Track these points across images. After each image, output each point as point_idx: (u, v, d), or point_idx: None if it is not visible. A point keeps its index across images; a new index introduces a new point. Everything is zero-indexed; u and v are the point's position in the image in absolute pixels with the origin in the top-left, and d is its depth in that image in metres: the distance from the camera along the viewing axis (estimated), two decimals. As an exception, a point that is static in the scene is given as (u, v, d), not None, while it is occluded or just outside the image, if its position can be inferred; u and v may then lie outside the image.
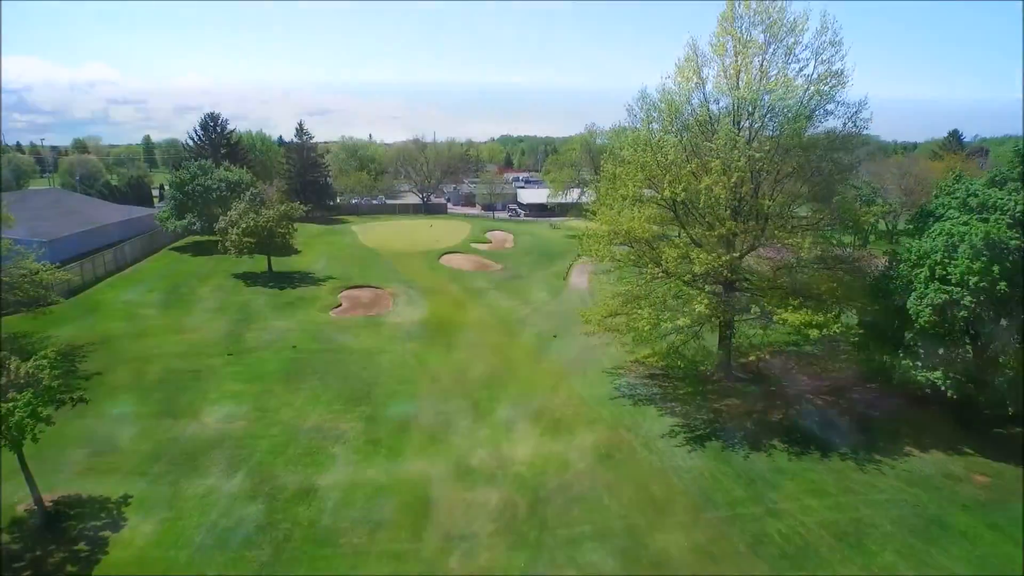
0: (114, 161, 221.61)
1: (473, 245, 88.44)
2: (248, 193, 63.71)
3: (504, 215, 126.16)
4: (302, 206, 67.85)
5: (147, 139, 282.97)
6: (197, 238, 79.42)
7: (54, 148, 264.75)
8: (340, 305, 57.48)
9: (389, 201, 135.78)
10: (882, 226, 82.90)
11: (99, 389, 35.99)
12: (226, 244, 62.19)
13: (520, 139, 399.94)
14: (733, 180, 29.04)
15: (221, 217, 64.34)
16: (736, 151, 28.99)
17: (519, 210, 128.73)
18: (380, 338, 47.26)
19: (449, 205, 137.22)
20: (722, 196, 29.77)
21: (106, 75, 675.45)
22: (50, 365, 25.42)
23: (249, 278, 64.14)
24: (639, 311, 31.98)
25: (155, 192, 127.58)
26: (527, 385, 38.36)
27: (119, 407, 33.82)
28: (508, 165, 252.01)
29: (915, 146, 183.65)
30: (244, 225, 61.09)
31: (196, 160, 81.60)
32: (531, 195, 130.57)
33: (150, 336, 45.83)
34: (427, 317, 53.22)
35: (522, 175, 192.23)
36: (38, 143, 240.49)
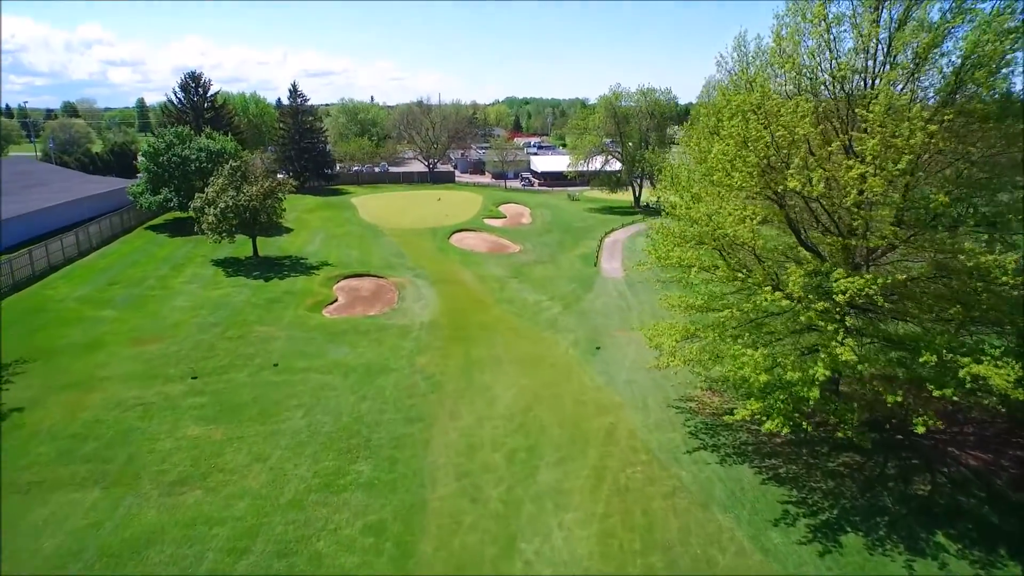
0: (106, 125, 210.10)
1: (486, 222, 78.71)
2: (228, 166, 53.81)
3: (516, 184, 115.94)
4: (292, 181, 58.00)
5: (141, 102, 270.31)
6: (178, 214, 69.88)
7: (49, 111, 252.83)
8: (335, 300, 48.21)
9: (393, 169, 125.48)
10: None
11: (11, 438, 27.07)
12: (202, 227, 52.66)
13: (526, 101, 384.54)
14: (902, 166, 19.31)
15: (197, 195, 54.68)
16: (906, 124, 19.20)
17: (532, 179, 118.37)
18: (382, 349, 38.12)
19: (457, 173, 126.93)
20: (878, 190, 20.06)
21: (101, 36, 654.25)
22: None
23: (231, 265, 54.75)
24: (743, 354, 22.39)
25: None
26: (574, 426, 29.27)
27: (29, 472, 24.85)
28: (517, 129, 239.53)
29: None
30: (222, 204, 51.46)
31: (174, 126, 71.45)
32: (546, 162, 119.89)
33: (101, 348, 36.74)
34: (438, 317, 44.00)
35: (533, 140, 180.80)
36: (24, 105, 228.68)
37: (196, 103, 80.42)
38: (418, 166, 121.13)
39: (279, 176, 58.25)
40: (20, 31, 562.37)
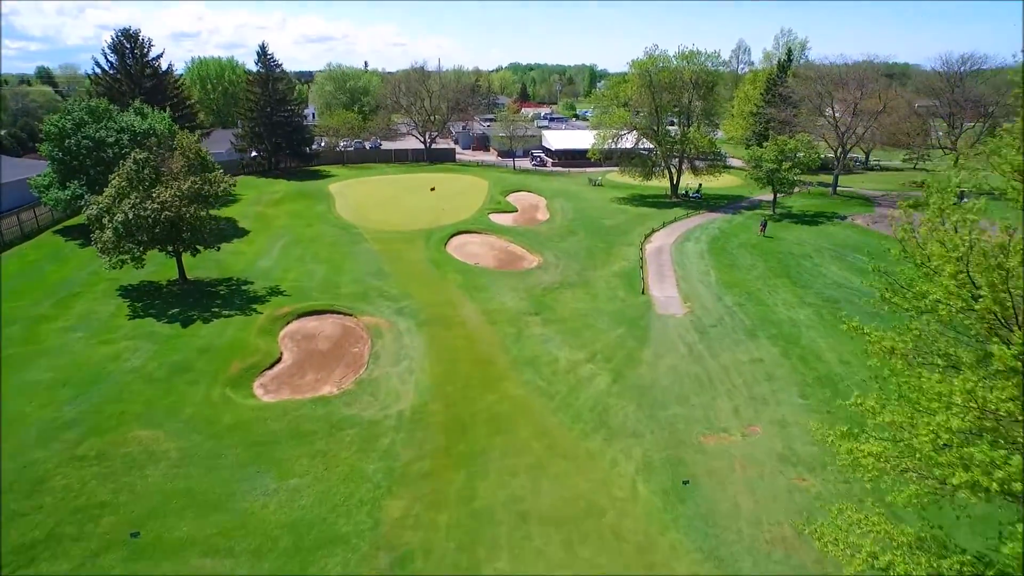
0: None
1: (493, 219, 62.47)
2: (130, 160, 37.64)
3: (526, 163, 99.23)
4: (228, 179, 41.78)
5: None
6: (99, 214, 53.65)
7: (23, 78, 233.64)
8: (278, 361, 32.60)
9: (386, 145, 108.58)
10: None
11: None
12: (98, 244, 36.77)
13: (530, 67, 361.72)
14: None
15: (93, 199, 38.70)
16: None
17: (545, 157, 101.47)
18: (331, 482, 22.68)
19: (458, 149, 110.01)
20: None
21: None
22: None
23: (144, 297, 39.03)
24: None
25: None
26: None
27: None
28: (524, 98, 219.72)
29: None
30: (120, 216, 35.52)
31: (99, 99, 54.94)
32: (561, 139, 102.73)
33: None
34: (425, 400, 28.50)
35: (543, 111, 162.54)
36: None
37: (132, 69, 63.31)
38: (414, 142, 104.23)
39: (218, 171, 41.97)
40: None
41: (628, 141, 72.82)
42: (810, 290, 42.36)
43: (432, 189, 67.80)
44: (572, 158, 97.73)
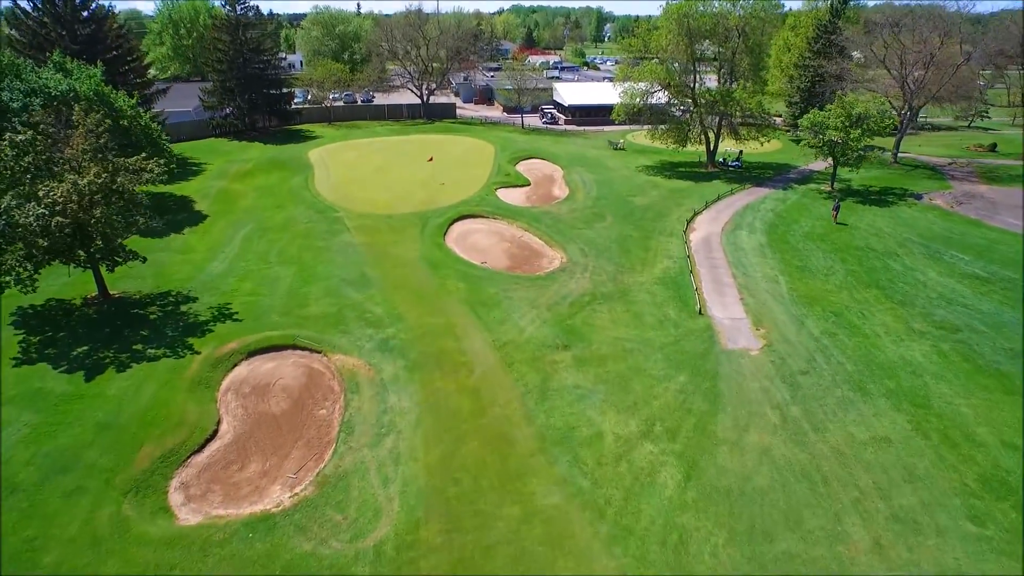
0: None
1: (501, 195, 52.10)
2: (5, 143, 27.05)
3: (536, 120, 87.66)
4: (155, 162, 31.19)
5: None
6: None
7: None
8: (212, 436, 23.09)
9: (378, 99, 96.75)
10: None
11: None
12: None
13: (533, 10, 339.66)
14: None
15: (-33, 193, 28.33)
16: None
17: (557, 114, 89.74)
18: None
19: (458, 103, 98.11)
20: None
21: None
22: None
23: (46, 324, 29.22)
24: None
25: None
26: None
27: None
28: (529, 44, 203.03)
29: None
30: (6, 216, 25.36)
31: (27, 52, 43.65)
32: (575, 93, 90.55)
33: None
34: (419, 518, 19.13)
35: (553, 59, 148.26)
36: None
37: (61, 11, 51.11)
38: (409, 97, 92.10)
39: (155, 158, 31.55)
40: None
41: (658, 100, 61.35)
42: (914, 309, 32.45)
43: (430, 159, 56.91)
44: (587, 115, 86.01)
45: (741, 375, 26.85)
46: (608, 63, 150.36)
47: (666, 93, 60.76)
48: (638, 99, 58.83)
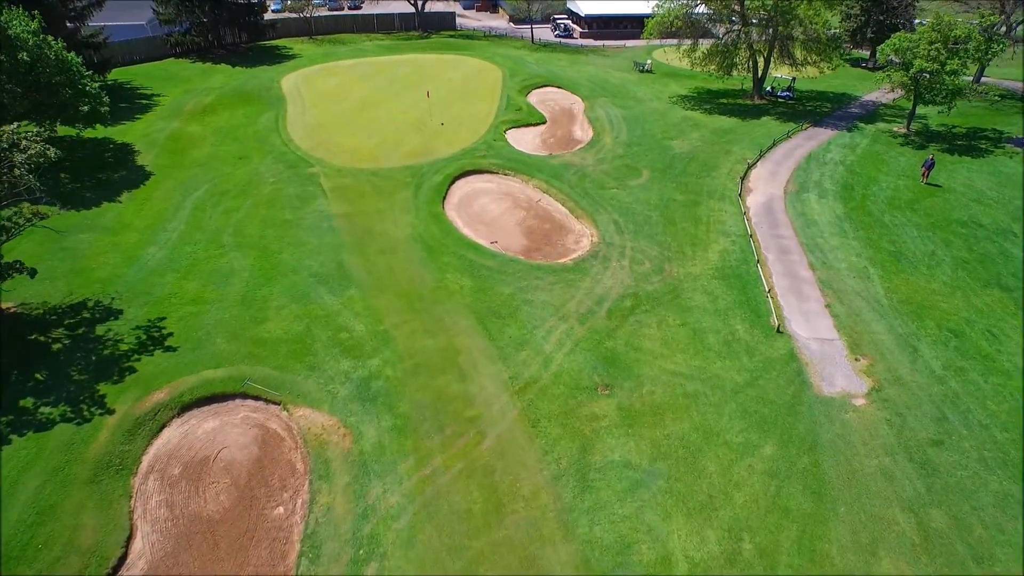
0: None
1: (512, 139, 42.81)
2: None
3: (547, 33, 75.54)
4: (41, 144, 22.16)
5: None
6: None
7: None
8: (121, 562, 15.98)
9: (367, 8, 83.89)
10: None
11: None
12: None
13: None
14: None
15: None
16: None
17: (572, 25, 77.37)
18: None
19: (458, 11, 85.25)
20: None
21: None
22: None
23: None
24: None
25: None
26: None
27: None
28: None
29: None
30: None
31: None
32: (592, 2, 77.33)
33: None
34: None
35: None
36: None
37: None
38: (403, 4, 79.11)
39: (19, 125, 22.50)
40: None
41: (700, 13, 50.22)
42: (1058, 325, 24.60)
43: (428, 94, 46.78)
44: (606, 26, 73.77)
45: (849, 444, 19.43)
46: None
47: (707, 6, 49.50)
48: (678, 10, 47.71)
